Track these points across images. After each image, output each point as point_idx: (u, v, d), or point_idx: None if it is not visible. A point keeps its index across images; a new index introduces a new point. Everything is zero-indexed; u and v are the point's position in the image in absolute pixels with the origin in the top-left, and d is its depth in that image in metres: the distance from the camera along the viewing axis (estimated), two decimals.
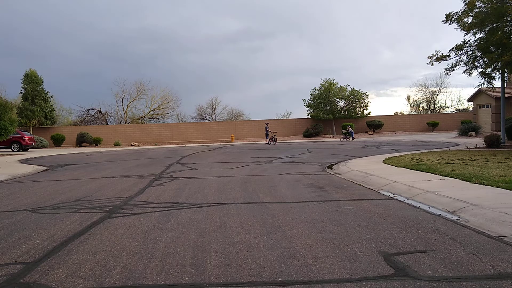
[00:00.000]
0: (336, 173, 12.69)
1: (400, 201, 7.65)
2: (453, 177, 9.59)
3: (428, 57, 19.66)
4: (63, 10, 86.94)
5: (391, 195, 8.31)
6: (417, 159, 14.24)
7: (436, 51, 19.62)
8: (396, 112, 61.80)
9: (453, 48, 19.24)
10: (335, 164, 15.44)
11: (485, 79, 20.09)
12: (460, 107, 57.11)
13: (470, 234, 5.16)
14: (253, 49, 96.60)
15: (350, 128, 37.45)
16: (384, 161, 14.33)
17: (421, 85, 60.21)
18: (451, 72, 19.71)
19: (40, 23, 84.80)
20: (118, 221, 6.36)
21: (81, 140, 42.09)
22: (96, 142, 42.43)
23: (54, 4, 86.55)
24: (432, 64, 19.80)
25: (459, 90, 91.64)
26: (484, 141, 19.26)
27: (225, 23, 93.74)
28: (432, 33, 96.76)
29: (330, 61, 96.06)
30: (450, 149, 19.64)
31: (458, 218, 6.06)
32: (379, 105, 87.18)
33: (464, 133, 33.03)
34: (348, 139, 35.97)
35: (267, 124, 34.81)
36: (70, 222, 6.40)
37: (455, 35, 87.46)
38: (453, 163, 12.37)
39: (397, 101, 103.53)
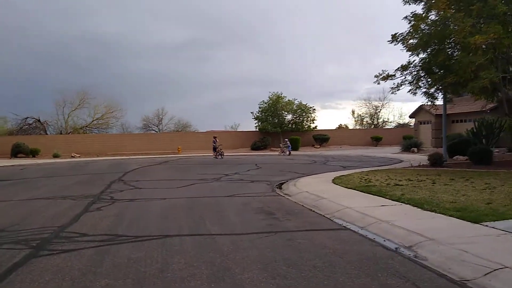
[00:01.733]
0: (286, 194, 12.33)
1: (354, 231, 7.34)
2: (404, 203, 9.46)
3: (375, 76, 19.93)
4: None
5: (345, 223, 8.00)
6: (365, 179, 14.19)
7: (382, 70, 19.96)
8: (341, 125, 63.13)
9: (398, 68, 19.62)
10: (285, 182, 15.13)
11: (428, 98, 20.63)
12: (402, 122, 59.17)
13: (432, 277, 4.87)
14: (201, 59, 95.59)
15: (288, 142, 37.71)
16: (334, 181, 14.16)
17: (365, 100, 61.86)
18: (396, 92, 20.08)
19: None
20: (44, 262, 5.58)
21: (17, 151, 39.50)
22: (34, 153, 39.99)
23: None
24: (379, 83, 20.13)
25: (401, 106, 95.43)
26: (428, 159, 19.66)
27: (172, 32, 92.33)
28: (376, 48, 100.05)
29: (277, 73, 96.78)
30: (396, 167, 19.92)
31: (416, 255, 5.79)
32: (325, 118, 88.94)
33: (406, 148, 33.95)
34: (285, 153, 36.09)
35: (215, 137, 34.13)
36: None
37: (399, 52, 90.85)
38: (402, 185, 12.35)
39: (342, 114, 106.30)
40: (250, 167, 21.89)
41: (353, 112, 62.85)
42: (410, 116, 43.65)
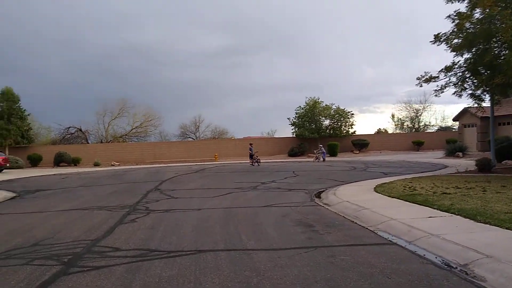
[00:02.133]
0: (325, 204, 11.81)
1: (402, 246, 6.78)
2: (454, 213, 8.78)
3: (417, 78, 19.12)
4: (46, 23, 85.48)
5: (390, 237, 7.44)
6: (410, 187, 13.47)
7: (425, 72, 19.12)
8: (380, 129, 61.65)
9: (442, 69, 18.74)
10: (323, 191, 14.60)
11: (474, 100, 19.59)
12: (443, 125, 57.13)
13: None
14: (235, 66, 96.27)
15: (322, 148, 36.72)
16: (376, 190, 13.51)
17: (405, 103, 60.12)
18: (440, 94, 19.15)
19: (17, 41, 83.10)
20: (74, 281, 5.34)
21: (59, 160, 40.60)
22: (75, 162, 40.99)
23: (33, 21, 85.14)
24: (421, 86, 19.30)
25: (443, 108, 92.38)
26: (475, 165, 18.64)
27: (208, 40, 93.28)
28: (414, 50, 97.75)
29: (313, 78, 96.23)
30: (441, 173, 18.98)
31: (474, 275, 5.21)
32: (363, 122, 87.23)
33: (450, 153, 32.58)
34: (319, 159, 35.12)
35: (251, 144, 33.89)
36: (15, 282, 5.36)
37: (439, 53, 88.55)
38: (450, 194, 11.60)
39: (380, 118, 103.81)
40: (287, 175, 21.42)
41: (392, 116, 61.31)
42: (454, 119, 42.02)
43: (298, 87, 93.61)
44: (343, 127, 46.06)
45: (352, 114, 46.18)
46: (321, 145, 37.56)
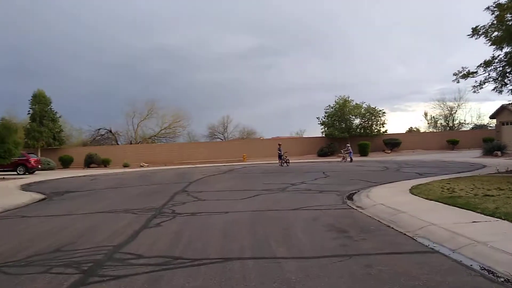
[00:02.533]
0: (358, 207, 11.22)
1: (445, 255, 6.18)
2: (500, 218, 8.08)
3: (454, 74, 18.26)
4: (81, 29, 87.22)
5: (431, 244, 6.84)
6: (448, 189, 12.73)
7: (462, 67, 18.24)
8: (411, 127, 60.10)
9: (481, 64, 17.78)
10: (356, 193, 14.00)
11: None
12: (479, 123, 55.14)
13: None
14: (265, 66, 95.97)
15: (350, 147, 35.22)
16: (411, 191, 12.82)
17: (438, 101, 58.28)
18: (479, 90, 18.20)
19: (52, 46, 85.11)
20: None
21: (90, 161, 41.15)
22: (105, 163, 41.44)
23: (64, 26, 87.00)
24: (458, 82, 18.41)
25: (478, 106, 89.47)
26: None
27: (237, 41, 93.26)
28: (445, 47, 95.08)
29: (342, 77, 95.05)
30: (480, 174, 18.02)
31: None
32: (394, 121, 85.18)
33: (488, 152, 31.23)
34: (346, 159, 33.98)
35: (280, 145, 33.34)
36: None
37: (472, 49, 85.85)
38: (493, 196, 10.84)
39: (412, 116, 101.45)
40: (317, 176, 20.84)
41: (425, 114, 59.63)
42: (491, 117, 40.39)
43: (329, 86, 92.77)
44: (374, 126, 45.00)
45: (384, 112, 45.14)
46: (348, 145, 36.35)
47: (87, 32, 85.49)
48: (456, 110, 56.91)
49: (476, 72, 17.95)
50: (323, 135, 46.26)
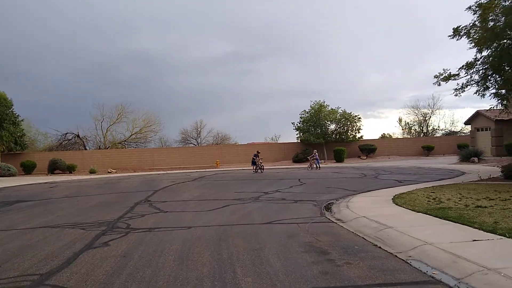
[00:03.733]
0: (338, 219, 10.01)
1: (451, 287, 4.99)
2: (504, 235, 6.98)
3: (435, 76, 17.38)
4: (58, 29, 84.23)
5: (430, 270, 5.65)
6: (434, 199, 11.69)
7: (443, 69, 17.37)
8: (384, 134, 59.68)
9: (463, 66, 16.96)
10: (334, 203, 12.84)
11: (499, 101, 17.76)
12: (452, 130, 55.14)
13: None
14: (242, 72, 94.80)
15: (316, 154, 32.67)
16: (395, 201, 11.71)
17: (413, 107, 58.09)
18: (461, 93, 17.31)
19: (18, 50, 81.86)
20: None
21: (54, 167, 38.94)
22: (70, 169, 39.30)
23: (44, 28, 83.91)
24: (439, 84, 17.52)
25: (451, 112, 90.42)
26: (501, 171, 16.81)
27: (214, 46, 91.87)
28: (419, 55, 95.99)
29: (318, 83, 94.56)
30: (463, 181, 17.13)
31: None
32: (367, 127, 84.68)
33: (465, 158, 30.71)
34: (312, 167, 31.66)
35: (258, 152, 31.28)
36: None
37: (446, 57, 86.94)
38: (485, 207, 9.83)
39: (385, 123, 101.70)
40: (293, 183, 19.63)
41: (400, 120, 59.37)
42: (466, 123, 40.12)
43: (303, 92, 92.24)
44: (349, 131, 44.20)
45: (359, 118, 44.35)
46: (315, 150, 33.92)
47: (59, 38, 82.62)
48: (430, 116, 56.91)
49: (458, 75, 17.11)
50: (299, 141, 45.23)
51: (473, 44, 16.34)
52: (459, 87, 17.29)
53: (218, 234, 8.51)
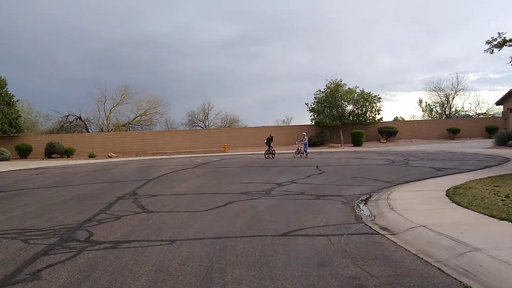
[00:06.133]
0: (383, 228, 7.09)
1: None
2: None
3: (487, 42, 14.17)
4: (57, 15, 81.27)
5: None
6: (508, 196, 8.69)
7: (498, 33, 14.05)
8: (396, 117, 56.04)
9: None
10: (368, 198, 9.96)
11: None
12: (479, 112, 51.44)
13: None
14: (250, 55, 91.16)
15: (306, 137, 27.32)
16: (454, 200, 8.74)
17: (434, 88, 54.20)
18: None
19: (22, 37, 79.06)
20: None
21: (51, 151, 36.40)
22: (68, 153, 36.70)
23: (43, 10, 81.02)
24: (492, 52, 14.32)
25: (477, 93, 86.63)
26: None
27: (222, 29, 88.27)
28: (429, 38, 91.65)
29: (328, 66, 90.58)
30: None
31: None
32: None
33: (502, 142, 27.40)
34: (300, 153, 26.55)
35: (271, 136, 27.49)
36: None
37: (457, 40, 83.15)
38: None
39: (397, 106, 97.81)
40: (310, 171, 16.68)
41: (420, 101, 55.67)
42: (497, 103, 36.63)
43: (315, 76, 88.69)
44: (368, 113, 40.84)
45: (380, 98, 40.85)
46: (304, 133, 28.36)
47: (62, 23, 79.61)
48: (454, 97, 53.14)
49: None
50: (313, 123, 42.02)
51: None
52: None
53: (211, 257, 5.64)
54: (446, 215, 7.49)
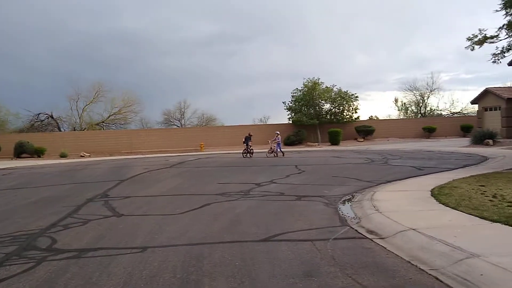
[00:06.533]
0: (371, 231, 6.68)
1: None
2: None
3: (468, 39, 14.00)
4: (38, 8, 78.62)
5: None
6: (495, 196, 8.49)
7: (479, 29, 13.88)
8: (371, 116, 56.16)
9: (503, 25, 13.48)
10: (352, 200, 9.56)
11: None
12: (454, 111, 52.06)
13: None
14: (228, 53, 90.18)
15: (279, 136, 26.16)
16: (441, 200, 8.41)
17: (410, 87, 54.55)
18: (501, 59, 13.93)
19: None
20: None
21: (20, 151, 35.03)
22: (39, 153, 35.41)
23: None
24: (473, 49, 14.25)
25: (451, 93, 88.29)
26: None
27: (200, 26, 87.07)
28: (405, 37, 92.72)
29: (305, 65, 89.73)
30: (504, 169, 13.95)
31: None
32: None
33: (478, 140, 27.52)
34: (274, 152, 25.36)
35: (250, 135, 26.92)
36: None
37: (432, 38, 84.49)
38: None
39: (372, 105, 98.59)
40: (290, 171, 16.23)
41: (396, 100, 55.96)
42: (472, 102, 36.92)
43: (291, 75, 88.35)
44: (345, 112, 40.70)
45: (357, 97, 40.73)
46: (278, 132, 26.94)
47: (37, 16, 77.06)
48: (429, 97, 53.64)
49: (497, 36, 13.73)
50: (290, 122, 41.65)
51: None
52: (499, 51, 13.91)
53: (186, 267, 5.11)
54: (435, 217, 7.12)
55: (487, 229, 6.17)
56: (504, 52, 13.85)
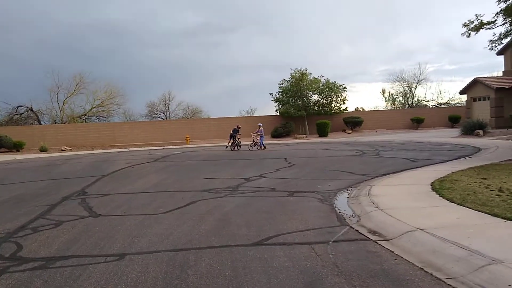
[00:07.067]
0: (373, 232, 6.08)
1: None
2: None
3: (464, 25, 13.45)
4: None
5: None
6: (501, 189, 7.88)
7: (476, 15, 13.34)
8: (357, 108, 55.74)
9: (501, 10, 12.93)
10: (347, 195, 8.97)
11: None
12: (441, 101, 51.80)
13: None
14: (213, 44, 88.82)
15: (262, 128, 25.32)
16: (444, 195, 7.85)
17: (397, 78, 54.15)
18: (497, 46, 13.44)
19: None
20: None
21: None
22: (17, 147, 34.19)
23: None
24: (469, 35, 13.69)
25: (438, 84, 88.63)
26: None
27: (184, 17, 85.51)
28: (390, 28, 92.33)
29: (290, 56, 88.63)
30: (499, 159, 13.51)
31: None
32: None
33: (468, 131, 27.26)
34: (257, 145, 24.59)
35: (239, 127, 26.07)
36: None
37: (417, 30, 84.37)
38: None
39: (357, 97, 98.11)
40: (279, 164, 15.59)
41: (383, 91, 55.52)
42: (461, 92, 36.65)
43: (277, 66, 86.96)
44: (333, 103, 40.15)
45: (345, 88, 40.17)
46: (261, 124, 25.97)
47: (19, 5, 74.80)
48: (416, 87, 53.33)
49: (494, 22, 13.19)
50: (278, 114, 40.96)
51: None
52: (496, 38, 13.39)
53: (169, 279, 4.44)
54: (442, 214, 6.54)
55: (502, 228, 5.59)
56: (502, 39, 13.37)
